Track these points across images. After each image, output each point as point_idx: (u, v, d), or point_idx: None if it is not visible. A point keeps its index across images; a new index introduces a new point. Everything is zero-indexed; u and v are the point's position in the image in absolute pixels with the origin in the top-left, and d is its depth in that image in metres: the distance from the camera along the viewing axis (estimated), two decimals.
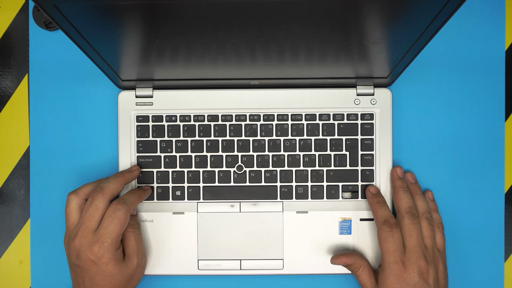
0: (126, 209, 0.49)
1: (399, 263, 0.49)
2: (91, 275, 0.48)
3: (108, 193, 0.49)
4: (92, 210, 0.48)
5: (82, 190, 0.50)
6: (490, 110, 0.56)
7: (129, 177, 0.53)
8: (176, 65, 0.48)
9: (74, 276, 0.49)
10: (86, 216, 0.48)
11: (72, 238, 0.48)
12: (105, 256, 0.48)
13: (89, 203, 0.49)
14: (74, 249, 0.48)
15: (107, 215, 0.48)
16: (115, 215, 0.48)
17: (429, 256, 0.50)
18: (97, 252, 0.48)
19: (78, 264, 0.48)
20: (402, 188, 0.53)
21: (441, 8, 0.36)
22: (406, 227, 0.50)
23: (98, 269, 0.48)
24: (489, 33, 0.56)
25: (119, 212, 0.48)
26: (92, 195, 0.49)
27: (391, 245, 0.49)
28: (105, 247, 0.48)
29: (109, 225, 0.48)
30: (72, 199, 0.50)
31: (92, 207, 0.48)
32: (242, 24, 0.38)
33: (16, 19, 0.58)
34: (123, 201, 0.49)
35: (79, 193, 0.50)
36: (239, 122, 0.55)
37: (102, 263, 0.48)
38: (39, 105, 0.57)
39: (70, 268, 0.50)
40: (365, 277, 0.51)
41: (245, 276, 0.56)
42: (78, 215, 0.49)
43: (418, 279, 0.48)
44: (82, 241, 0.48)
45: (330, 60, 0.47)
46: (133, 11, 0.37)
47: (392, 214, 0.52)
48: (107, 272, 0.48)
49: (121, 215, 0.48)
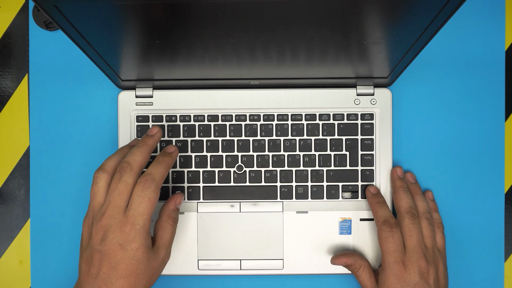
0: (156, 187, 0.44)
1: (399, 263, 0.49)
2: (114, 263, 0.43)
3: (136, 167, 0.45)
4: (122, 187, 0.44)
5: (108, 165, 0.46)
6: (490, 110, 0.56)
7: (153, 143, 0.48)
8: (176, 65, 0.48)
9: (87, 266, 0.44)
10: (115, 194, 0.44)
11: (99, 218, 0.44)
12: (136, 240, 0.43)
13: (117, 179, 0.44)
14: (100, 230, 0.44)
15: (136, 194, 0.44)
16: (144, 194, 0.44)
17: (430, 256, 0.50)
18: (128, 234, 0.43)
19: (101, 249, 0.43)
20: (402, 188, 0.53)
21: (441, 8, 0.36)
22: (406, 227, 0.50)
23: (124, 255, 0.43)
24: (489, 33, 0.56)
25: (149, 190, 0.44)
26: (120, 171, 0.45)
27: (391, 245, 0.49)
28: (136, 230, 0.43)
29: (139, 205, 0.44)
30: (101, 176, 0.45)
31: (121, 183, 0.44)
32: (242, 24, 0.38)
33: (16, 19, 0.58)
34: (151, 177, 0.45)
35: (107, 169, 0.46)
36: (239, 122, 0.55)
37: (131, 248, 0.43)
38: (39, 105, 0.57)
39: (84, 256, 0.45)
40: (365, 277, 0.51)
41: (245, 276, 0.56)
42: (106, 193, 0.45)
43: (419, 279, 0.48)
44: (111, 221, 0.43)
45: (330, 60, 0.47)
46: (133, 11, 0.37)
47: (392, 214, 0.52)
48: (134, 259, 0.43)
49: (151, 193, 0.44)
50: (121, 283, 0.43)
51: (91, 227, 0.45)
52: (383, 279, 0.50)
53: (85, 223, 0.46)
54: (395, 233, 0.50)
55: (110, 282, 0.43)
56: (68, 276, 0.56)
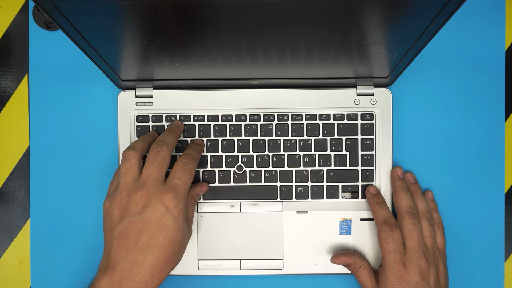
0: (195, 164, 0.49)
1: (400, 263, 0.49)
2: (155, 230, 0.44)
3: (170, 146, 0.49)
4: (161, 160, 0.47)
5: (138, 146, 0.49)
6: (490, 110, 0.56)
7: (179, 132, 0.53)
8: (176, 65, 0.48)
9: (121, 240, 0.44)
10: (155, 166, 0.46)
11: (138, 189, 0.45)
12: (178, 206, 0.45)
13: (155, 154, 0.47)
14: (141, 199, 0.45)
15: (179, 167, 0.48)
16: (187, 167, 0.48)
17: (430, 256, 0.50)
18: (172, 199, 0.45)
19: (142, 217, 0.44)
20: (402, 188, 0.53)
21: (441, 8, 0.36)
22: (406, 227, 0.50)
23: (166, 221, 0.44)
24: (489, 33, 0.56)
25: (191, 165, 0.48)
26: (157, 148, 0.48)
27: (391, 245, 0.49)
28: (179, 197, 0.46)
29: (183, 175, 0.47)
30: (132, 153, 0.48)
31: (159, 157, 0.47)
32: (242, 24, 0.38)
33: (16, 19, 0.58)
34: (191, 156, 0.49)
35: (137, 148, 0.48)
36: (239, 122, 0.55)
37: (173, 214, 0.45)
38: (39, 105, 0.57)
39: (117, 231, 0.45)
40: (365, 277, 0.51)
41: (245, 276, 0.56)
42: (139, 170, 0.47)
43: (419, 279, 0.48)
44: (154, 189, 0.45)
45: (330, 60, 0.47)
46: (133, 11, 0.37)
47: (392, 215, 0.52)
48: (175, 226, 0.45)
49: (192, 168, 0.48)
50: (159, 252, 0.44)
51: (127, 199, 0.46)
52: (383, 279, 0.50)
53: (115, 199, 0.46)
54: (394, 233, 0.50)
55: (149, 251, 0.44)
56: (68, 276, 0.56)
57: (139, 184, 0.46)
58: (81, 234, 0.56)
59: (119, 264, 0.44)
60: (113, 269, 0.44)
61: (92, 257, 0.56)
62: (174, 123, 0.54)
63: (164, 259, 0.44)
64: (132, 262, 0.44)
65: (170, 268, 0.46)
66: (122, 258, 0.44)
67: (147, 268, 0.44)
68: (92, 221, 0.56)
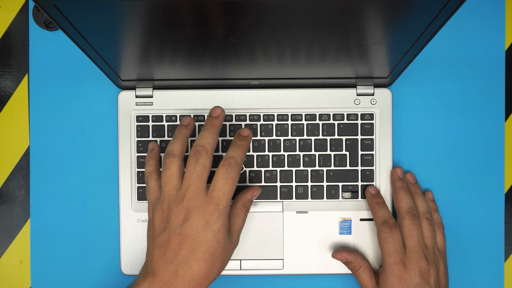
0: (239, 169, 0.45)
1: (400, 263, 0.49)
2: (194, 245, 0.43)
3: (210, 150, 0.45)
4: (200, 169, 0.44)
5: (176, 150, 0.46)
6: (490, 110, 0.56)
7: (219, 124, 0.48)
8: (176, 65, 0.48)
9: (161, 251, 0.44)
10: (195, 176, 0.44)
11: (179, 201, 0.44)
12: (219, 220, 0.43)
13: (194, 162, 0.45)
14: (181, 212, 0.44)
15: (221, 176, 0.45)
16: (229, 176, 0.45)
17: (430, 257, 0.50)
18: (212, 214, 0.43)
19: (181, 231, 0.43)
20: (402, 188, 0.53)
21: (441, 8, 0.36)
22: (406, 227, 0.50)
23: (206, 236, 0.43)
24: (489, 33, 0.56)
25: (233, 172, 0.45)
26: (195, 154, 0.45)
27: (391, 245, 0.49)
28: (220, 210, 0.44)
29: (224, 186, 0.44)
30: (172, 161, 0.45)
31: (199, 165, 0.44)
32: (242, 24, 0.38)
33: (16, 19, 0.58)
34: (234, 160, 0.45)
35: (176, 153, 0.46)
36: (239, 122, 0.55)
37: (213, 229, 0.43)
38: (39, 105, 0.57)
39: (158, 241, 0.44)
40: (365, 278, 0.51)
41: (245, 276, 0.56)
42: (181, 178, 0.45)
43: (419, 279, 0.48)
44: (194, 202, 0.44)
45: (330, 60, 0.47)
46: (133, 11, 0.37)
47: (392, 215, 0.52)
48: (215, 241, 0.43)
49: (235, 175, 0.45)
50: (199, 266, 0.43)
51: (168, 211, 0.45)
52: (383, 280, 0.49)
53: (158, 209, 0.45)
54: (394, 233, 0.50)
55: (188, 265, 0.43)
56: (68, 276, 0.56)
57: (179, 195, 0.45)
58: (81, 234, 0.56)
59: (159, 273, 0.44)
60: (153, 277, 0.44)
61: (92, 256, 0.56)
62: (213, 112, 0.49)
63: (203, 273, 0.44)
64: (171, 273, 0.43)
65: (210, 281, 0.45)
66: (162, 269, 0.44)
67: (186, 281, 0.43)
68: (92, 221, 0.56)
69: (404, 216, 0.51)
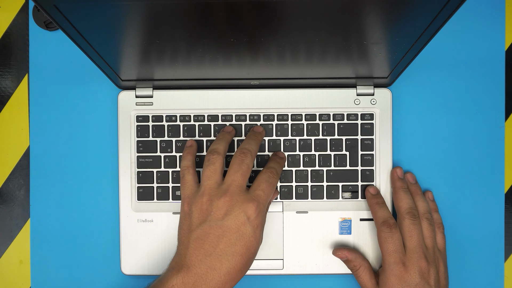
0: (278, 179, 0.49)
1: (399, 263, 0.49)
2: (234, 239, 0.44)
3: (254, 154, 0.49)
4: (245, 169, 0.47)
5: (220, 148, 0.49)
6: (490, 110, 0.56)
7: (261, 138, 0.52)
8: (176, 65, 0.48)
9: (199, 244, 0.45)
10: (239, 174, 0.47)
11: (221, 195, 0.46)
12: (259, 217, 0.46)
13: (240, 161, 0.47)
14: (223, 206, 0.45)
15: (264, 179, 0.48)
16: (271, 181, 0.48)
17: (430, 257, 0.50)
18: (254, 210, 0.45)
19: (223, 223, 0.45)
20: (403, 188, 0.53)
21: (441, 8, 0.36)
22: (406, 227, 0.50)
23: (245, 231, 0.45)
24: (489, 33, 0.56)
25: (274, 179, 0.48)
26: (241, 155, 0.48)
27: (390, 245, 0.49)
28: (260, 208, 0.46)
29: (266, 188, 0.47)
30: (217, 157, 0.48)
31: (244, 165, 0.47)
32: (242, 24, 0.38)
33: (16, 19, 0.58)
34: (275, 170, 0.49)
35: (220, 152, 0.49)
36: (239, 122, 0.55)
37: (253, 225, 0.45)
38: (39, 105, 0.57)
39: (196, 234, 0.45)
40: (365, 278, 0.51)
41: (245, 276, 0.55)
42: (223, 175, 0.48)
43: (419, 279, 0.48)
44: (237, 198, 0.45)
45: (330, 60, 0.47)
46: (133, 11, 0.37)
47: (392, 215, 0.52)
48: (253, 237, 0.45)
49: (275, 182, 0.48)
50: (236, 260, 0.45)
51: (208, 204, 0.46)
52: (383, 280, 0.49)
53: (196, 202, 0.46)
54: (394, 233, 0.50)
55: (226, 259, 0.44)
56: (68, 276, 0.56)
57: (222, 189, 0.46)
58: (81, 234, 0.56)
59: (195, 266, 0.44)
60: (187, 270, 0.44)
61: (92, 257, 0.56)
62: (256, 128, 0.53)
63: (239, 268, 0.45)
64: (208, 266, 0.44)
65: (241, 276, 0.46)
66: (199, 261, 0.44)
67: (222, 274, 0.44)
68: (92, 221, 0.56)
69: (404, 216, 0.51)
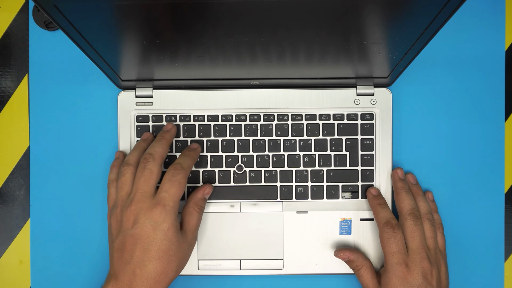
0: (185, 174, 0.49)
1: (402, 264, 0.49)
2: (146, 245, 0.46)
3: (158, 158, 0.49)
4: (147, 174, 0.48)
5: (131, 159, 0.50)
6: (490, 110, 0.56)
7: (170, 137, 0.52)
8: (176, 65, 0.48)
9: (119, 253, 0.47)
10: (142, 181, 0.48)
11: (128, 205, 0.47)
12: (167, 220, 0.46)
13: (142, 168, 0.48)
14: (131, 215, 0.47)
15: (167, 179, 0.48)
16: (175, 178, 0.48)
17: (432, 257, 0.50)
18: (159, 214, 0.46)
19: (133, 232, 0.46)
20: (404, 189, 0.53)
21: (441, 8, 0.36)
22: (409, 228, 0.50)
23: (156, 236, 0.46)
24: (489, 33, 0.56)
25: (179, 176, 0.48)
26: (144, 161, 0.49)
27: (393, 246, 0.49)
28: (167, 210, 0.46)
29: (170, 188, 0.47)
30: (127, 169, 0.49)
31: (146, 171, 0.48)
32: (242, 24, 0.38)
33: (16, 19, 0.58)
34: (180, 166, 0.49)
35: (131, 162, 0.50)
36: (239, 122, 0.55)
37: (162, 228, 0.46)
38: (39, 105, 0.57)
39: (115, 244, 0.48)
40: (367, 277, 0.51)
41: (245, 276, 0.56)
42: (132, 184, 0.49)
43: (422, 280, 0.48)
44: (141, 205, 0.47)
45: (330, 60, 0.47)
46: (133, 11, 0.37)
47: (394, 216, 0.52)
48: (165, 240, 0.46)
49: (181, 179, 0.48)
50: (154, 265, 0.46)
51: (120, 215, 0.48)
52: (386, 281, 0.49)
53: (113, 214, 0.49)
54: (397, 234, 0.50)
55: (144, 264, 0.46)
56: (68, 276, 0.56)
57: (129, 199, 0.48)
58: (81, 234, 0.56)
59: (120, 275, 0.46)
60: (116, 279, 0.47)
61: (92, 257, 0.56)
62: (165, 127, 0.54)
63: (160, 271, 0.46)
64: (130, 273, 0.46)
65: (169, 278, 0.47)
66: (122, 270, 0.46)
67: (145, 279, 0.46)
68: (92, 220, 0.56)
69: (406, 217, 0.50)
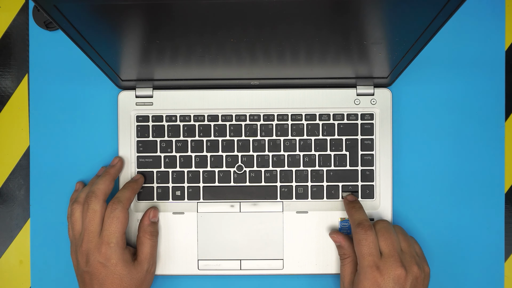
0: (123, 207, 0.50)
1: (373, 267, 0.47)
2: (101, 280, 0.48)
3: (100, 195, 0.50)
4: (91, 214, 0.49)
5: (81, 197, 0.51)
6: (490, 110, 0.56)
7: (115, 172, 0.53)
8: (176, 65, 0.48)
9: (82, 286, 0.50)
10: (87, 221, 0.49)
11: (79, 245, 0.49)
12: (113, 256, 0.49)
13: (86, 208, 0.50)
14: (82, 254, 0.49)
15: (106, 216, 0.50)
16: (113, 215, 0.49)
17: (407, 261, 0.48)
18: (105, 253, 0.48)
19: (87, 270, 0.49)
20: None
21: (441, 8, 0.36)
22: (382, 230, 0.49)
23: (107, 271, 0.48)
24: (489, 33, 0.56)
25: (117, 211, 0.49)
26: (87, 201, 0.50)
27: (365, 248, 0.48)
28: (111, 248, 0.49)
29: (110, 225, 0.49)
30: (76, 207, 0.50)
31: (89, 211, 0.49)
32: (242, 24, 0.38)
33: (16, 19, 0.58)
34: (117, 199, 0.50)
35: (80, 200, 0.51)
36: (239, 122, 0.55)
37: (111, 264, 0.48)
38: (39, 105, 0.57)
39: (79, 279, 0.50)
40: (348, 270, 0.50)
41: (245, 276, 0.56)
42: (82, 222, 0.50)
43: (393, 284, 0.46)
44: (89, 245, 0.49)
45: (330, 60, 0.47)
46: (133, 11, 0.37)
47: (368, 218, 0.50)
48: (116, 274, 0.48)
49: (119, 213, 0.49)
50: None
51: (75, 254, 0.50)
52: (356, 282, 0.48)
53: (72, 252, 0.51)
54: (369, 235, 0.48)
55: None
56: (68, 276, 0.56)
57: (80, 239, 0.50)
58: None
59: None
60: None
61: None
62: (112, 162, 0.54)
63: None
64: None
65: None
66: None
67: None
68: None
69: (377, 221, 0.50)
